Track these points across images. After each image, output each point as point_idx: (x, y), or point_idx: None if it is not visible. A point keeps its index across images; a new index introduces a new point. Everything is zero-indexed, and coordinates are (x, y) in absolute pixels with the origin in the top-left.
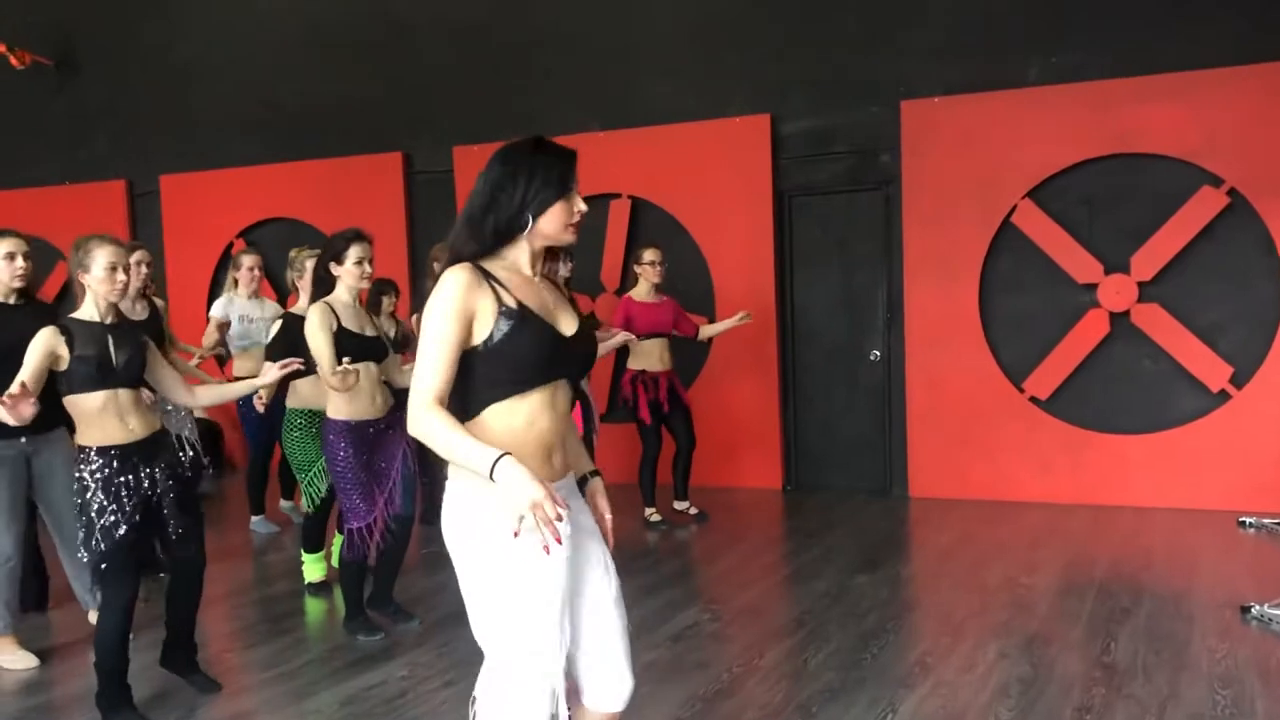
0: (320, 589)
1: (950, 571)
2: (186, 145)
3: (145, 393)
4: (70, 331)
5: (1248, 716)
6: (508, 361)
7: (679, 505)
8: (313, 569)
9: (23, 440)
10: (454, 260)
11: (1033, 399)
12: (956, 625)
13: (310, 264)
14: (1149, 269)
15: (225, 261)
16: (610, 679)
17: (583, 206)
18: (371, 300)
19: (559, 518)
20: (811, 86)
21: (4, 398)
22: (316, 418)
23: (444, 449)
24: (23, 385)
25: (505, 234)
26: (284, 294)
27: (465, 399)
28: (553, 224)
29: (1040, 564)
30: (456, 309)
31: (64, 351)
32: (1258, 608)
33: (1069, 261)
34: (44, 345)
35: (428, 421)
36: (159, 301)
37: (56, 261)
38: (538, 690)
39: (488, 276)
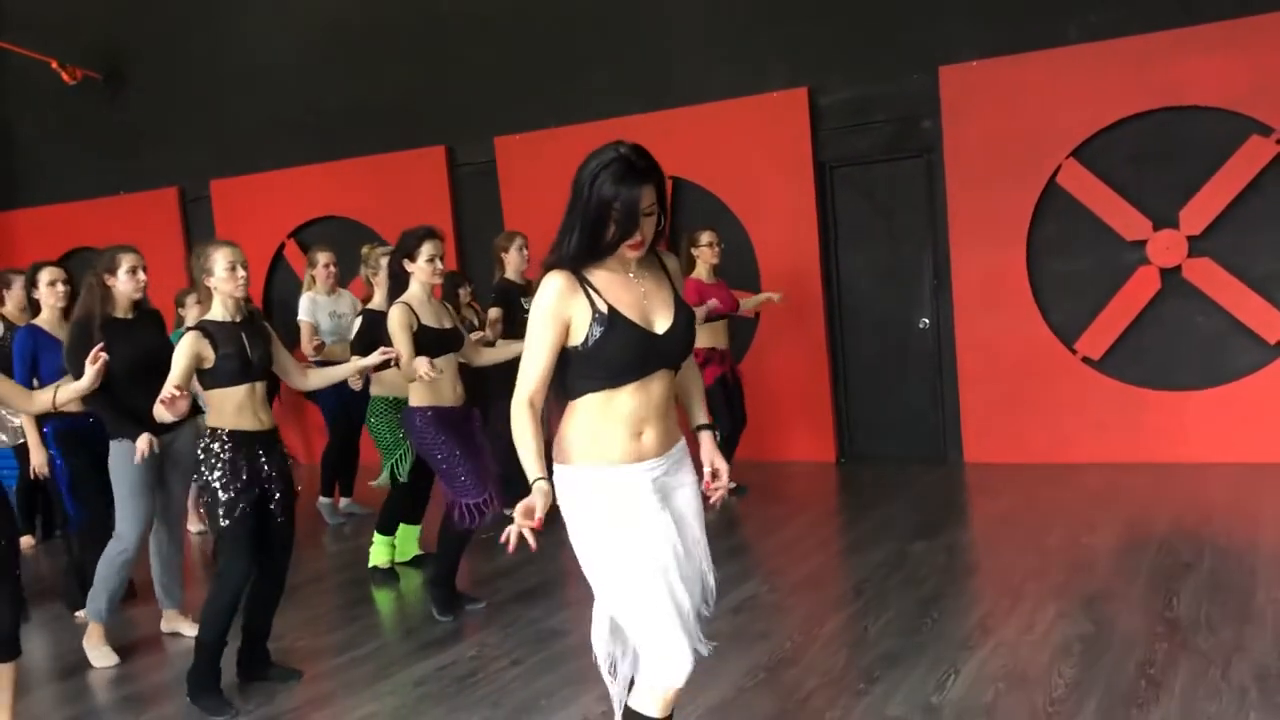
0: (385, 575)
1: (1008, 535)
2: (234, 150)
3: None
4: (211, 334)
5: None
6: (601, 361)
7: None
8: (381, 552)
9: (167, 436)
10: (550, 265)
11: (1085, 359)
12: (1016, 587)
13: (385, 261)
14: (1198, 223)
15: (277, 263)
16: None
17: (639, 237)
18: (448, 293)
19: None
20: (848, 57)
21: (164, 397)
22: (400, 404)
23: (517, 443)
24: (178, 386)
25: (589, 245)
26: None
27: (566, 386)
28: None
29: (1099, 524)
30: (552, 314)
31: (209, 352)
32: None
33: (1117, 219)
34: (190, 349)
35: (517, 419)
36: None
37: None
38: (674, 646)
39: (583, 281)
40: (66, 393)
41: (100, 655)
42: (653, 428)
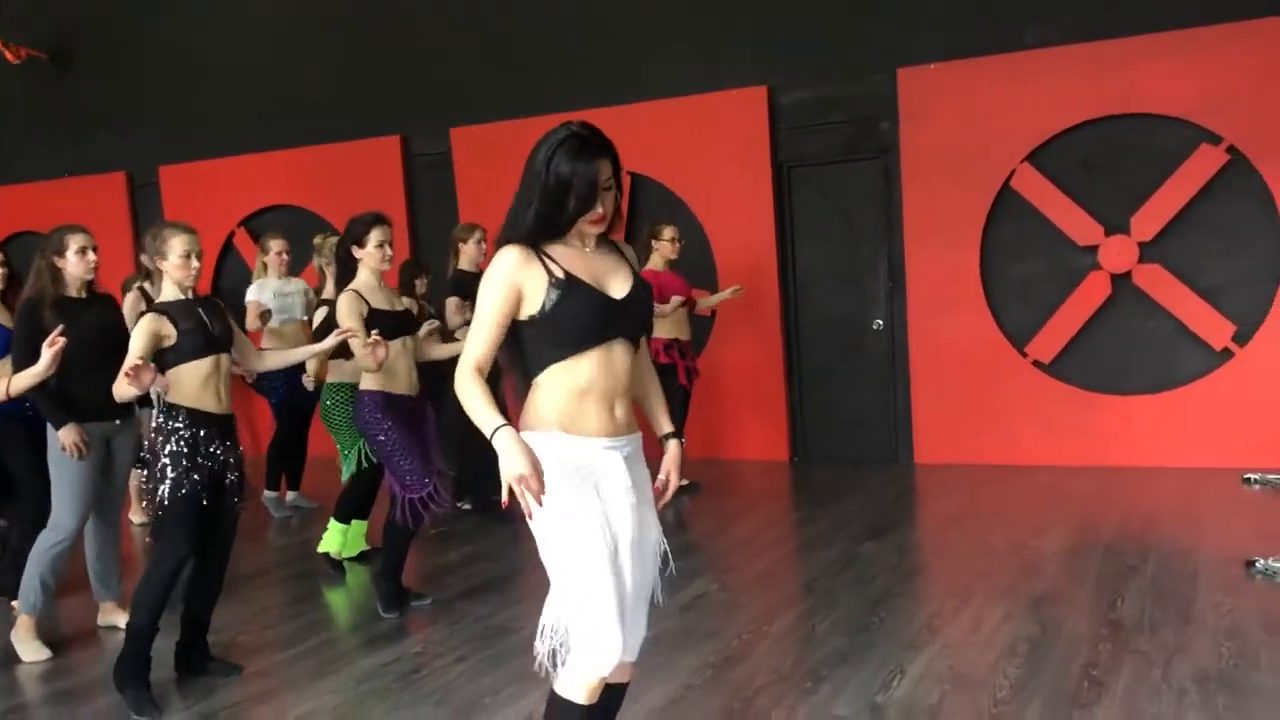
0: (334, 565)
1: (957, 536)
2: (185, 136)
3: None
4: (168, 313)
5: (1253, 668)
6: (561, 326)
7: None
8: (332, 539)
9: (117, 423)
10: (503, 241)
11: (1036, 363)
12: (963, 588)
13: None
14: (1149, 229)
15: (227, 251)
16: (631, 630)
17: (600, 210)
18: (405, 283)
19: (535, 496)
20: (808, 57)
21: (126, 370)
22: (355, 390)
23: (470, 410)
24: (140, 358)
25: (548, 222)
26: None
27: (528, 362)
28: (577, 219)
29: (1047, 526)
30: (504, 283)
31: (169, 330)
32: (1262, 561)
33: (1069, 224)
34: (149, 330)
35: (465, 386)
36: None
37: None
38: (607, 633)
39: (539, 252)
40: (21, 380)
41: (30, 650)
42: (622, 404)
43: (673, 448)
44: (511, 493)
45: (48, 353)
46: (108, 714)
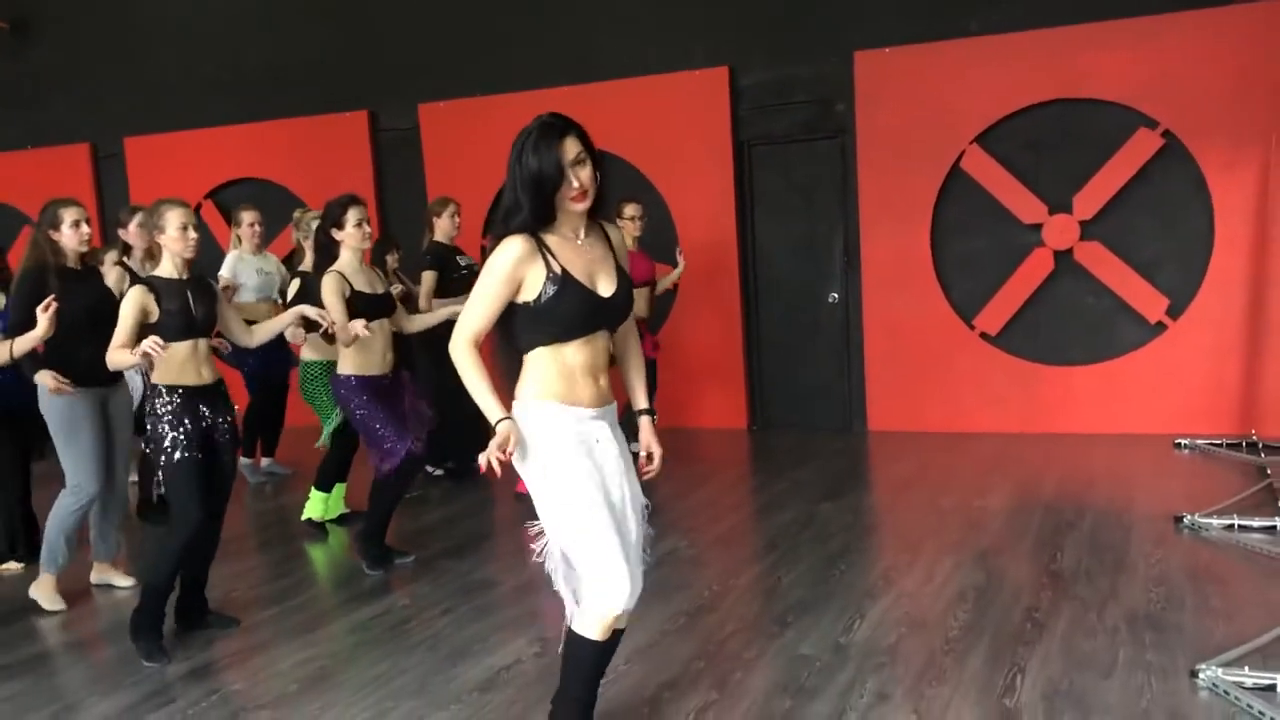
0: (317, 528)
1: (908, 498)
2: (150, 107)
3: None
4: (157, 289)
5: (1178, 609)
6: (553, 317)
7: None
8: (315, 506)
9: (102, 389)
10: (502, 230)
11: (983, 335)
12: (915, 544)
13: (315, 224)
14: (1090, 208)
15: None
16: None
17: (576, 184)
18: (376, 259)
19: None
20: (768, 39)
21: (147, 349)
22: (332, 366)
23: (469, 384)
24: (129, 331)
25: (535, 211)
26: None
27: (521, 340)
28: (560, 199)
29: (992, 488)
30: (507, 273)
31: (154, 307)
32: (1189, 517)
33: (1015, 203)
34: (137, 302)
35: (464, 357)
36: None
37: (22, 226)
38: (615, 572)
39: (541, 245)
40: (23, 343)
41: (51, 601)
42: (604, 376)
43: (645, 422)
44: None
45: (44, 316)
46: (116, 663)
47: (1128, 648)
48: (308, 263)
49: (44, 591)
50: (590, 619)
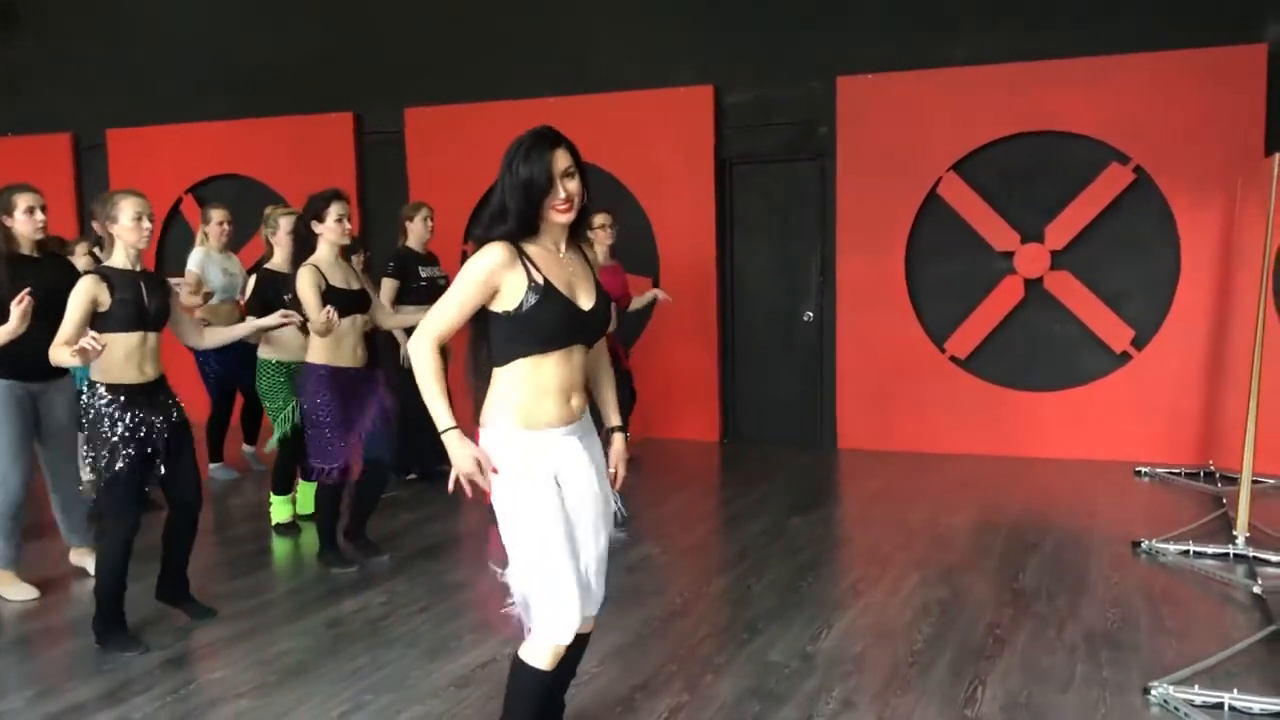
0: (287, 529)
1: (877, 514)
2: (135, 100)
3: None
4: (109, 278)
5: (1133, 629)
6: (532, 328)
7: None
8: (280, 510)
9: (34, 384)
10: (484, 235)
11: (953, 358)
12: (883, 558)
13: (284, 221)
14: (1061, 239)
15: (173, 218)
16: (590, 590)
17: (563, 194)
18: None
19: (482, 489)
20: (754, 60)
21: (75, 348)
22: (285, 367)
23: (422, 383)
24: (77, 323)
25: (521, 220)
26: (234, 248)
27: (497, 351)
28: (546, 209)
29: (958, 507)
30: (483, 278)
31: (105, 297)
32: (1147, 542)
33: (989, 231)
34: (87, 293)
35: (424, 354)
36: None
37: None
38: (565, 611)
39: (521, 254)
40: None
41: (16, 591)
42: (577, 395)
43: (618, 441)
44: (459, 481)
45: (16, 310)
46: (92, 651)
47: (1084, 664)
48: (275, 260)
49: (6, 587)
50: (539, 648)
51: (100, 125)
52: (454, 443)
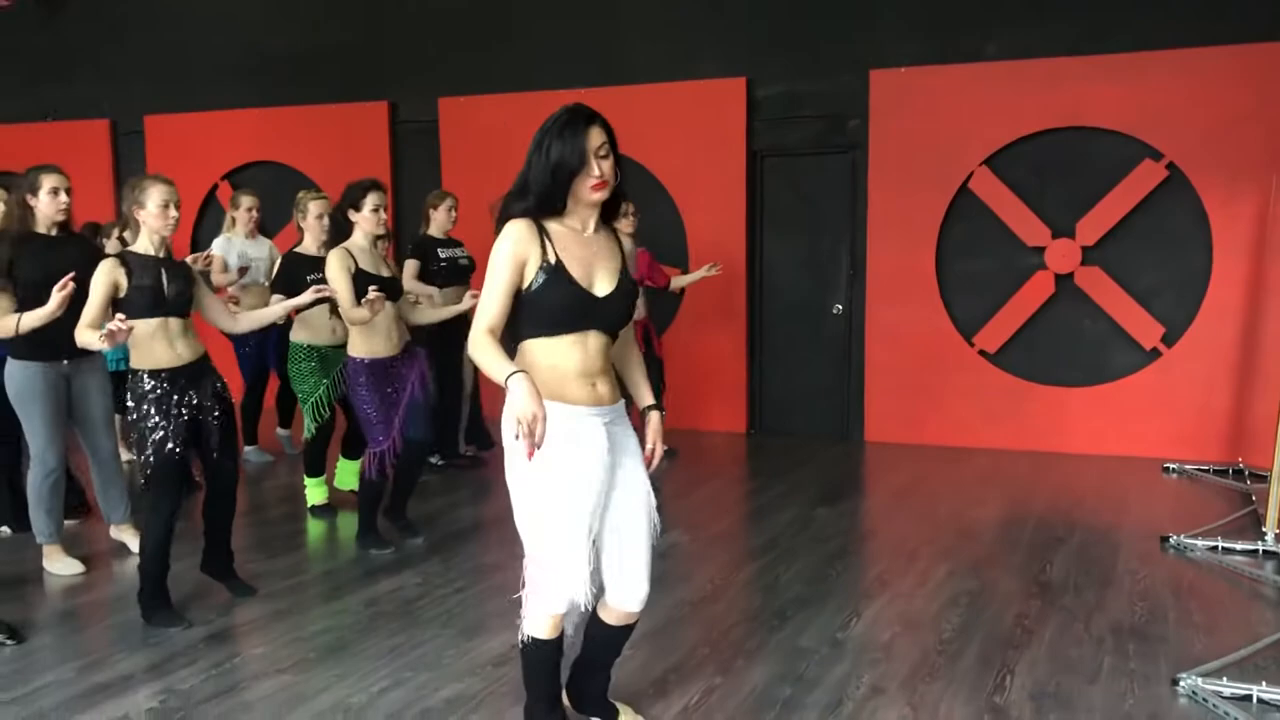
0: (323, 511)
1: (904, 506)
2: (172, 87)
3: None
4: (129, 263)
5: (1161, 623)
6: (541, 308)
7: None
8: (315, 492)
9: (65, 364)
10: (504, 216)
11: (982, 352)
12: (910, 550)
13: (313, 206)
14: (1092, 235)
15: (209, 203)
16: (631, 582)
17: (597, 172)
18: None
19: (536, 439)
20: (786, 53)
21: (112, 328)
22: (316, 351)
23: (485, 368)
24: (99, 306)
25: (546, 197)
26: (268, 234)
27: (513, 329)
28: (579, 188)
29: (985, 501)
30: (511, 257)
31: (124, 281)
32: (1175, 537)
33: (1020, 226)
34: (107, 275)
35: (479, 344)
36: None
37: None
38: (564, 581)
39: (542, 230)
40: (31, 318)
41: (63, 566)
42: (603, 380)
43: (653, 419)
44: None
45: (57, 295)
46: (138, 624)
47: (1112, 656)
48: (305, 244)
49: (52, 561)
50: (536, 617)
51: (138, 112)
52: (518, 384)
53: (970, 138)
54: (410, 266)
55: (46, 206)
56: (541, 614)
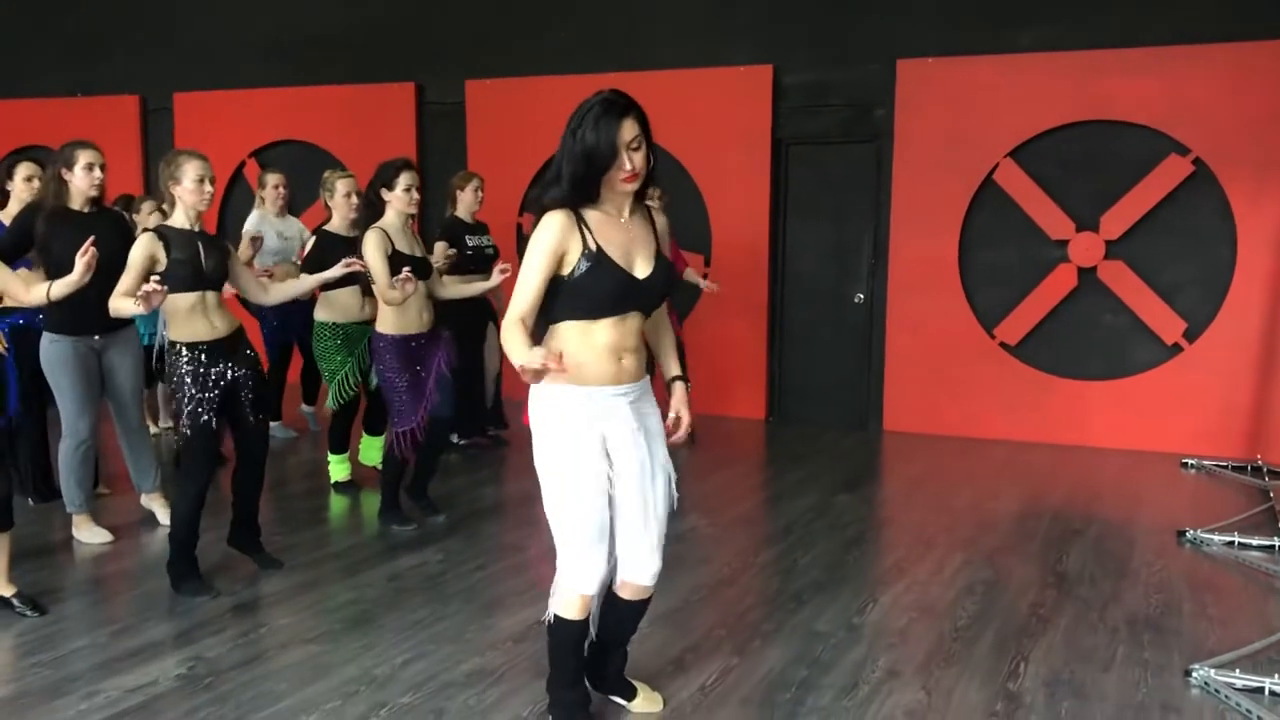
0: (346, 487)
1: (921, 495)
2: (201, 65)
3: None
4: (167, 237)
5: (1175, 615)
6: (584, 294)
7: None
8: (338, 469)
9: (96, 338)
10: (539, 205)
11: (1003, 344)
12: (927, 538)
13: (341, 185)
14: (1117, 228)
15: (235, 181)
16: (646, 556)
17: (629, 166)
18: None
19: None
20: (813, 41)
21: (138, 293)
22: (341, 329)
23: (511, 356)
24: (136, 277)
25: (579, 184)
26: (295, 212)
27: (550, 311)
28: (611, 178)
29: (1003, 492)
30: (551, 247)
31: (162, 255)
32: (1192, 532)
33: (1043, 218)
34: (145, 249)
35: (510, 333)
36: None
37: None
38: (593, 562)
39: (580, 220)
40: (60, 286)
41: (92, 534)
42: (630, 356)
43: (678, 389)
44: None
45: (80, 262)
46: (167, 593)
47: (1126, 646)
48: (333, 223)
49: (82, 530)
50: (566, 599)
51: (167, 89)
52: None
53: (996, 129)
54: (440, 249)
55: (81, 181)
56: (572, 594)
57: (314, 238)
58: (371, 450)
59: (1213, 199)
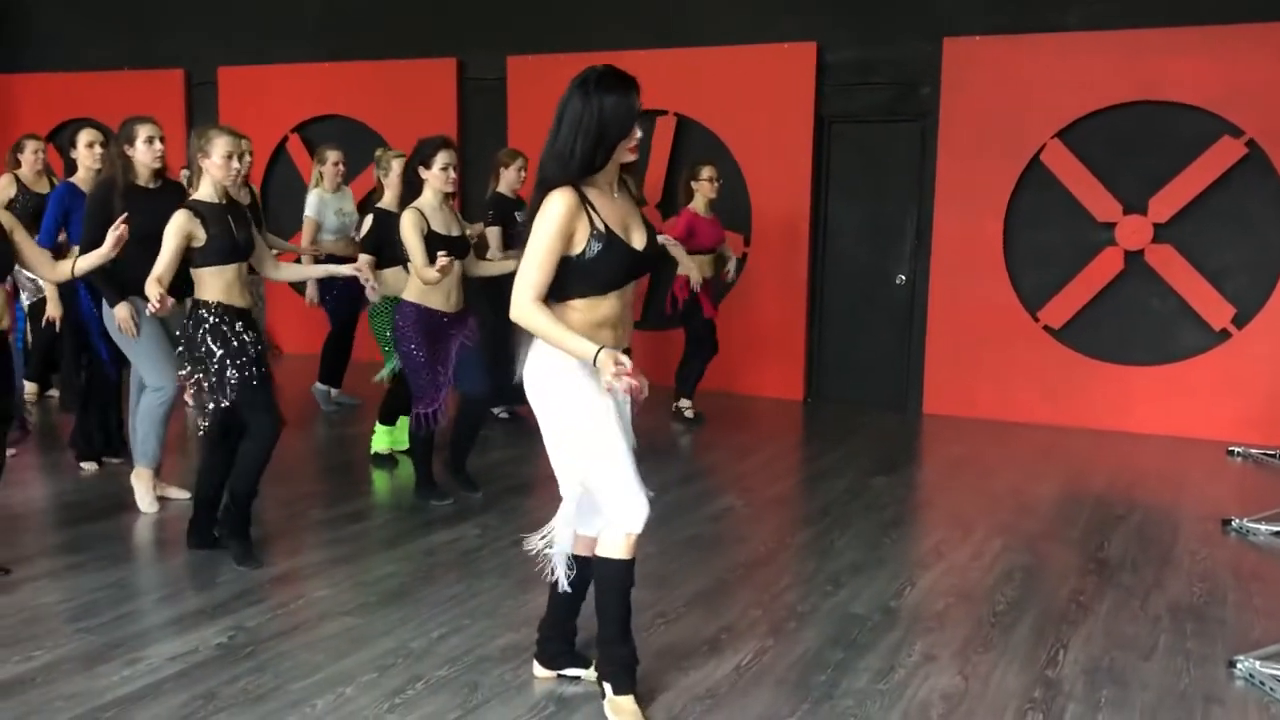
0: (384, 460)
1: (960, 478)
2: (245, 39)
3: None
4: (201, 214)
5: (1220, 604)
6: (595, 273)
7: (684, 404)
8: (381, 439)
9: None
10: (545, 183)
11: (1046, 328)
12: (966, 522)
13: (396, 164)
14: (1165, 212)
15: (279, 155)
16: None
17: (639, 134)
18: None
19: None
20: (858, 18)
21: (156, 301)
22: (393, 304)
23: (545, 337)
24: (161, 294)
25: (588, 156)
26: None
27: (557, 290)
28: (618, 149)
29: (1043, 476)
30: (560, 227)
31: (200, 232)
32: (1237, 521)
33: (1091, 200)
34: (181, 228)
35: (532, 314)
36: (254, 188)
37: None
38: (635, 498)
39: (584, 200)
40: (85, 261)
41: (147, 496)
42: (624, 324)
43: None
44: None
45: (111, 237)
46: (207, 563)
47: (1168, 635)
48: (387, 200)
49: (141, 485)
50: (616, 538)
51: (212, 63)
52: (606, 359)
53: (1044, 109)
54: (495, 235)
55: (143, 155)
56: (621, 535)
57: (369, 216)
58: (383, 438)
59: (1266, 183)
